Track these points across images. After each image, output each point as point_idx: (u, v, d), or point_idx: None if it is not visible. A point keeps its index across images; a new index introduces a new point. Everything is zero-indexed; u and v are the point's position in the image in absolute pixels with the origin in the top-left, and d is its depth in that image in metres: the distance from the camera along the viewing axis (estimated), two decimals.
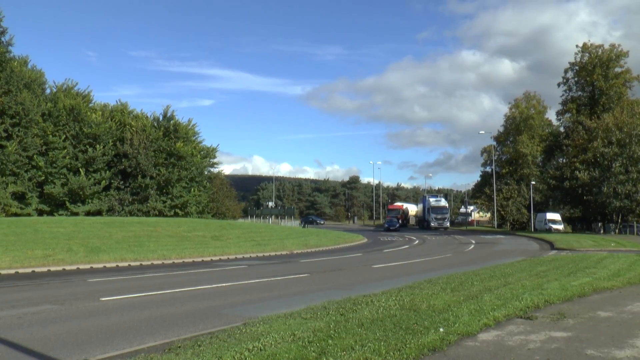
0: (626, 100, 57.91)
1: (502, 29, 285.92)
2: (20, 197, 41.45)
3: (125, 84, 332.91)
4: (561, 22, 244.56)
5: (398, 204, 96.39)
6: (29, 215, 40.05)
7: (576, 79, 61.17)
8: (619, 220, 53.72)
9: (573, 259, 20.61)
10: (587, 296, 11.04)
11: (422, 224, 72.97)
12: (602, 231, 54.42)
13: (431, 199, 71.81)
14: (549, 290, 11.19)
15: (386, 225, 64.81)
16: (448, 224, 70.64)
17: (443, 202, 72.36)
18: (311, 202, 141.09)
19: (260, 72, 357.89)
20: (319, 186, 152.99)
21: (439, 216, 68.51)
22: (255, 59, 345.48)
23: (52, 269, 18.76)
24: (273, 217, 73.51)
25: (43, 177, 42.93)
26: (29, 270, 18.13)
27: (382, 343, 6.57)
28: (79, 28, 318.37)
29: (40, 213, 42.32)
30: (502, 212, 70.52)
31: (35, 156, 41.81)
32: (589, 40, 61.36)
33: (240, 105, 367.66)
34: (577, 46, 60.65)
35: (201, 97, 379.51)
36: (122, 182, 47.57)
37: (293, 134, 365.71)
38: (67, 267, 19.18)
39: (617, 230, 52.51)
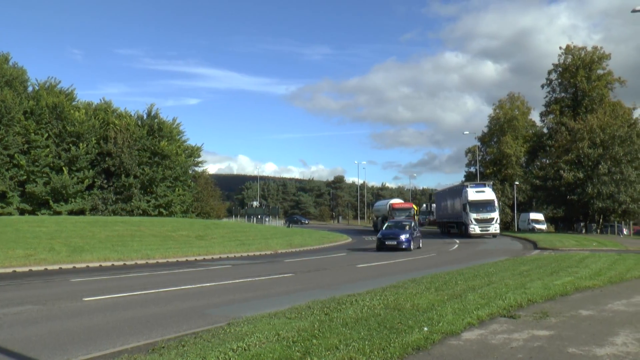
0: (608, 102, 58.66)
1: (484, 31, 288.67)
2: (1, 196, 40.98)
3: (111, 82, 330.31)
4: (542, 25, 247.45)
5: (398, 200, 66.40)
6: (10, 214, 39.58)
7: (559, 80, 61.75)
8: (601, 220, 54.39)
9: (556, 258, 20.81)
10: (569, 295, 11.16)
11: (460, 227, 48.35)
12: (584, 231, 55.02)
13: (471, 190, 46.39)
14: (532, 289, 11.29)
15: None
16: (497, 229, 45.31)
17: (489, 194, 46.31)
18: (296, 201, 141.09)
19: (247, 71, 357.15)
20: (303, 186, 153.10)
21: (482, 216, 44.54)
22: (243, 58, 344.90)
23: (34, 268, 18.56)
24: (257, 216, 73.26)
25: (25, 176, 42.44)
26: (9, 270, 17.91)
27: (367, 342, 6.58)
28: (64, 26, 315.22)
29: (22, 212, 41.84)
30: None
31: (16, 155, 41.32)
32: (572, 43, 62.08)
33: (226, 104, 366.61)
34: (560, 48, 61.26)
35: (187, 95, 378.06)
36: (105, 181, 47.19)
37: (278, 134, 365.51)
38: (49, 267, 18.99)
39: (598, 230, 53.14)
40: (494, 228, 44.62)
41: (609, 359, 6.23)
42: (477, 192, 46.16)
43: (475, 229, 44.29)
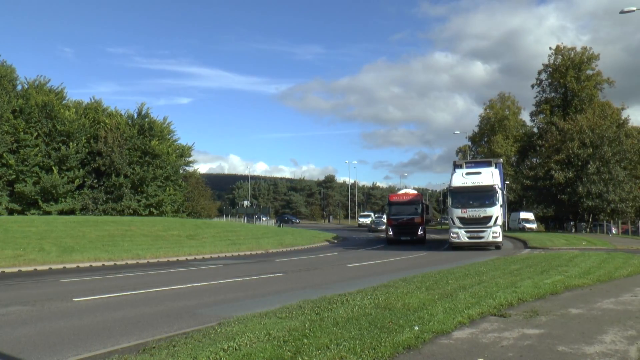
0: (597, 102, 59.04)
1: (474, 31, 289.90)
2: None
3: (102, 81, 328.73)
4: (531, 26, 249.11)
5: (403, 191, 46.60)
6: None
7: (549, 80, 62.04)
8: (590, 220, 54.73)
9: (546, 257, 20.91)
10: (559, 294, 11.22)
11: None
12: (574, 230, 55.34)
13: (460, 172, 30.32)
14: (522, 288, 11.34)
15: None
16: (499, 234, 28.57)
17: (485, 176, 29.49)
18: (287, 201, 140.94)
19: (239, 70, 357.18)
20: (294, 185, 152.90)
21: (470, 214, 28.71)
22: (234, 57, 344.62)
23: (23, 269, 18.42)
24: (254, 215, 73.06)
25: (14, 176, 42.05)
26: None
27: (357, 342, 6.58)
28: (54, 24, 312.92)
29: (11, 212, 41.46)
30: None
31: (5, 154, 40.93)
32: (562, 43, 62.40)
33: (218, 104, 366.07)
34: (550, 48, 61.58)
35: (179, 95, 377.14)
36: (96, 181, 46.88)
37: (269, 133, 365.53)
38: (39, 267, 18.85)
39: (588, 229, 53.47)
40: (492, 233, 28.25)
41: (598, 357, 6.28)
42: (467, 174, 30.00)
43: (458, 234, 28.82)
